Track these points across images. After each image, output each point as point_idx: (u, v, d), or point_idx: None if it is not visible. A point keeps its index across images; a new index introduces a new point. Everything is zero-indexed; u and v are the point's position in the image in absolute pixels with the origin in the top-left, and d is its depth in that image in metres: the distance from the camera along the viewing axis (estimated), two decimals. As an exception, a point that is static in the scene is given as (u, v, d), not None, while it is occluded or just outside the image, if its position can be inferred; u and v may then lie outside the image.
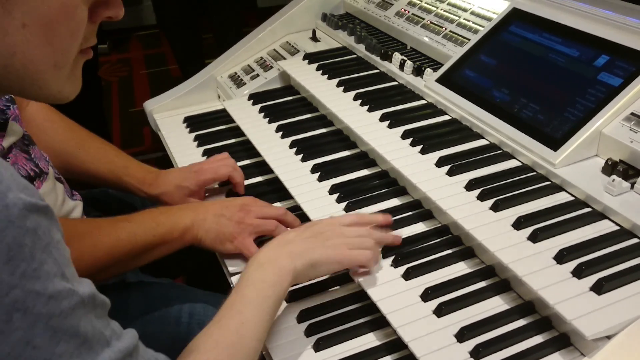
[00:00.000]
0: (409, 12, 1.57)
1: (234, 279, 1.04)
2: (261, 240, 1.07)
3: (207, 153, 1.40)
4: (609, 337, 0.75)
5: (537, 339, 0.82)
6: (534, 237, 0.89)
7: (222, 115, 1.54)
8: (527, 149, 1.06)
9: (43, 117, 1.24)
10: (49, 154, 1.12)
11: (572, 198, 0.98)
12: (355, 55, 1.57)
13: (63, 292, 0.55)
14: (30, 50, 0.62)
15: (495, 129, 1.13)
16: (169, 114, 1.60)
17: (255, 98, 1.52)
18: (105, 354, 0.58)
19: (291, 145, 1.30)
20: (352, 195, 1.11)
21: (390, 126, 1.23)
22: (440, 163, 1.09)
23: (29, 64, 0.63)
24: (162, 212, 1.06)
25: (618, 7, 1.15)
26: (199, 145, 1.45)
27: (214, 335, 0.79)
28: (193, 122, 1.55)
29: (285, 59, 1.64)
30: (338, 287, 1.00)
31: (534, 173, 1.04)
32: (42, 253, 0.53)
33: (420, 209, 1.08)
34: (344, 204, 1.09)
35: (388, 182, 1.16)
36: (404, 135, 1.19)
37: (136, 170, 1.25)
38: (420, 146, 1.14)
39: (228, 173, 1.22)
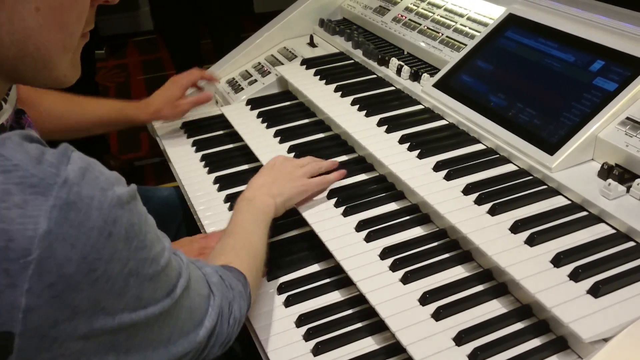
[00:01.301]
0: (405, 17, 1.58)
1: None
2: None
3: (206, 158, 1.41)
4: (605, 340, 0.76)
5: (534, 342, 0.83)
6: (531, 241, 0.90)
7: (220, 121, 1.55)
8: (523, 153, 1.07)
9: (43, 91, 1.32)
10: (52, 119, 1.28)
11: (569, 202, 0.98)
12: (352, 61, 1.58)
13: (160, 252, 0.65)
14: (43, 34, 0.65)
15: (492, 133, 1.14)
16: (167, 119, 1.61)
17: (253, 103, 1.52)
18: (182, 279, 0.69)
19: (289, 150, 1.30)
20: (350, 200, 1.12)
21: (387, 131, 1.24)
22: (437, 167, 1.10)
23: (42, 47, 0.66)
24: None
25: (613, 13, 1.16)
26: (197, 151, 1.45)
27: (229, 243, 0.95)
28: (191, 128, 1.55)
29: (283, 64, 1.64)
30: (336, 291, 1.01)
31: (531, 177, 1.05)
32: (145, 225, 0.63)
33: (418, 213, 1.09)
34: (342, 209, 1.10)
35: (386, 187, 1.16)
36: (402, 140, 1.19)
37: (129, 103, 1.48)
38: (418, 151, 1.15)
39: (199, 74, 1.55)
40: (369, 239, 1.02)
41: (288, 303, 0.98)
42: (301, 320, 0.94)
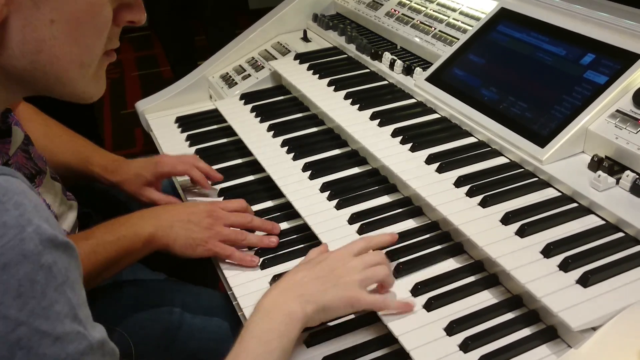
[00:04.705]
0: (398, 12, 1.58)
1: (226, 274, 1.04)
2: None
3: (199, 153, 1.41)
4: (594, 329, 0.76)
5: (525, 332, 0.83)
6: (522, 232, 0.90)
7: (214, 115, 1.55)
8: (515, 146, 1.08)
9: (26, 117, 1.24)
10: None
11: (559, 194, 0.99)
12: (345, 55, 1.59)
13: (71, 335, 0.52)
14: (57, 47, 0.63)
15: (483, 126, 1.14)
16: (160, 114, 1.61)
17: (246, 98, 1.53)
18: None
19: (282, 144, 1.31)
20: (343, 193, 1.12)
21: (380, 125, 1.24)
22: (429, 160, 1.10)
23: (55, 60, 0.63)
24: (122, 224, 1.01)
25: (604, 7, 1.17)
26: (191, 145, 1.45)
27: None
28: (185, 122, 1.55)
29: (276, 59, 1.65)
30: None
31: (522, 169, 1.06)
32: (54, 292, 0.51)
33: (410, 205, 1.09)
34: (335, 202, 1.10)
35: (378, 180, 1.17)
36: (394, 134, 1.20)
37: (101, 158, 1.26)
38: (410, 144, 1.15)
39: (185, 171, 1.21)
40: (361, 231, 1.03)
41: (281, 295, 0.99)
42: (294, 312, 0.95)
